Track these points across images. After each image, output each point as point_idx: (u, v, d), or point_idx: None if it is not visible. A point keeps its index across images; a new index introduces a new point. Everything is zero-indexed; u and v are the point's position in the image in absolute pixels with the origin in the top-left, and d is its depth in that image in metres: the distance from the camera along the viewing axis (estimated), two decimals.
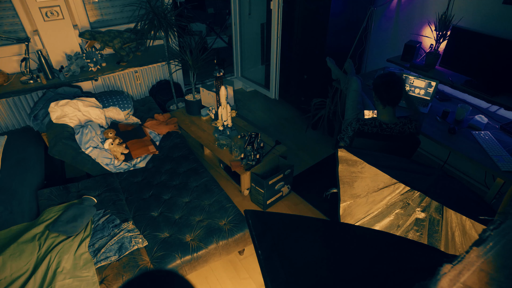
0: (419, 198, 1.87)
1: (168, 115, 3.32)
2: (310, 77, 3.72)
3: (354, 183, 1.89)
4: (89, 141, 2.68)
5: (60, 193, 2.45)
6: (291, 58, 3.85)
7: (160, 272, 1.85)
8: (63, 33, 3.17)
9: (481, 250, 0.58)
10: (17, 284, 1.82)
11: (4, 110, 3.15)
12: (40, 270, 1.86)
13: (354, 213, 1.99)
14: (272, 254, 1.12)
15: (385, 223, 1.99)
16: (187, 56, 3.19)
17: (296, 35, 3.64)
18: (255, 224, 1.17)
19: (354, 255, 1.15)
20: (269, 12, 3.82)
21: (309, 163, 3.36)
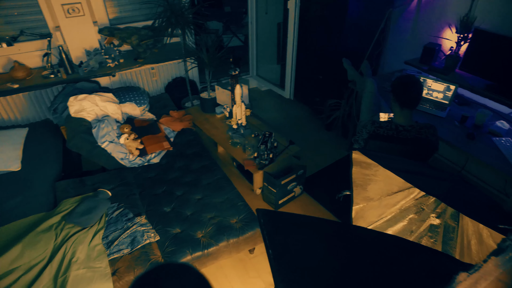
0: (434, 203, 1.83)
1: (183, 112, 3.35)
2: (325, 77, 3.69)
3: (368, 186, 1.87)
4: (105, 135, 2.73)
5: (76, 186, 2.51)
6: (307, 58, 3.83)
7: (174, 265, 1.87)
8: (83, 29, 3.24)
9: (500, 260, 0.57)
10: (34, 272, 1.88)
11: (26, 103, 3.24)
12: (56, 259, 1.91)
13: (367, 216, 1.97)
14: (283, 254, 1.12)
15: (398, 228, 1.96)
16: (203, 54, 3.21)
17: (313, 35, 3.61)
18: (267, 223, 1.17)
19: (366, 258, 1.14)
20: (286, 12, 3.80)
21: (322, 164, 3.34)
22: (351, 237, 1.29)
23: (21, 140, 2.78)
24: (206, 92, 3.44)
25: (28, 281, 1.84)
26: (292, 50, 3.88)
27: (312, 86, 3.94)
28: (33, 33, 3.07)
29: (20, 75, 3.04)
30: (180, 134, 3.08)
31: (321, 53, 3.61)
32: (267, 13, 4.36)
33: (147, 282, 0.74)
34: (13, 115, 3.23)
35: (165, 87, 3.89)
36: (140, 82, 3.72)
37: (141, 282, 0.75)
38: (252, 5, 4.24)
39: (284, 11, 3.90)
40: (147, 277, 0.77)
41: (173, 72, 3.87)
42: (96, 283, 1.79)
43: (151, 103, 3.48)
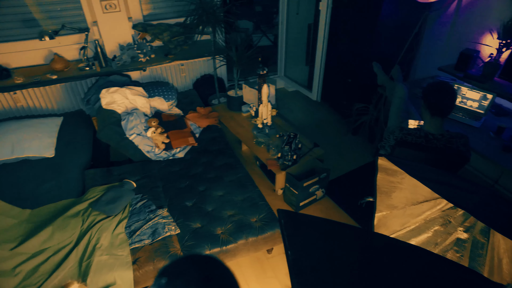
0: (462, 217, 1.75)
1: (210, 108, 3.40)
2: (354, 81, 3.62)
3: (392, 194, 1.82)
4: (133, 128, 2.80)
5: (104, 175, 2.60)
6: (336, 60, 3.77)
7: (199, 256, 1.89)
8: (118, 24, 3.35)
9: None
10: (62, 254, 1.97)
11: (62, 93, 3.39)
12: (82, 244, 1.99)
13: (390, 225, 1.92)
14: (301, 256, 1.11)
15: (422, 239, 1.90)
16: (233, 52, 3.23)
17: (343, 37, 3.56)
18: (288, 224, 1.16)
19: (387, 267, 1.11)
20: (317, 13, 3.77)
21: (346, 168, 3.28)
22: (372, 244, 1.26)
23: (56, 128, 2.92)
24: (233, 90, 3.46)
25: (56, 262, 1.93)
26: (322, 51, 3.83)
27: (340, 89, 3.88)
28: (73, 27, 3.21)
29: (59, 67, 3.19)
30: (206, 131, 3.12)
31: (351, 55, 3.55)
32: (298, 13, 4.33)
33: (172, 270, 0.77)
34: (50, 104, 3.40)
35: (193, 83, 3.95)
36: (169, 77, 3.80)
37: (168, 270, 0.78)
38: (284, 5, 4.22)
39: (316, 12, 3.86)
40: (173, 266, 0.79)
41: (201, 69, 3.92)
42: (118, 270, 1.85)
43: (179, 99, 3.54)
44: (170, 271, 0.75)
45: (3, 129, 2.75)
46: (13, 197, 2.28)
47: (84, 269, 1.86)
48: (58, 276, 1.84)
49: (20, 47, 3.21)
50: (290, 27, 4.41)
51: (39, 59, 3.35)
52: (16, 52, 3.22)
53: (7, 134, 2.70)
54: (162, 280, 0.69)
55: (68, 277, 1.84)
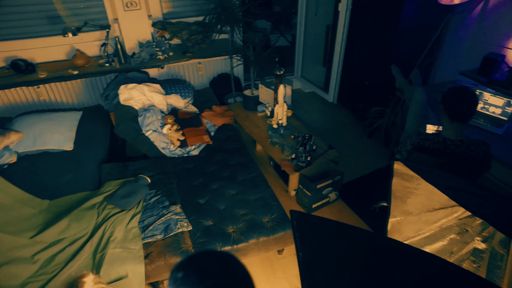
0: (480, 226, 1.70)
1: (225, 107, 3.41)
2: (371, 83, 3.57)
3: (407, 199, 1.78)
4: (149, 124, 2.84)
5: (119, 169, 2.64)
6: (354, 63, 3.73)
7: (215, 252, 1.90)
8: (138, 22, 3.41)
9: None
10: (77, 244, 2.02)
11: (82, 88, 3.48)
12: (96, 236, 2.03)
13: (403, 231, 1.88)
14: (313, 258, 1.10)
15: (437, 247, 1.85)
16: (250, 52, 3.24)
17: (362, 39, 3.51)
18: (300, 225, 1.16)
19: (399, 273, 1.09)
20: (336, 14, 3.73)
21: (361, 172, 3.23)
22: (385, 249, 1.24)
23: (75, 123, 2.99)
24: (250, 90, 3.47)
25: (72, 252, 1.98)
26: (340, 53, 3.80)
27: (357, 91, 3.83)
28: (95, 24, 3.29)
29: (80, 63, 3.27)
30: (221, 129, 3.14)
31: (369, 58, 3.50)
32: (317, 14, 4.30)
33: (188, 265, 0.78)
34: (70, 99, 3.48)
35: (210, 82, 3.97)
36: (186, 75, 3.84)
37: (184, 264, 0.78)
38: (302, 6, 4.20)
39: (334, 14, 3.82)
40: (189, 261, 0.80)
41: (218, 68, 3.94)
42: (130, 263, 1.88)
43: (195, 97, 3.57)
44: (186, 266, 0.75)
45: (27, 121, 2.83)
46: (34, 188, 2.34)
47: (97, 260, 1.90)
48: (73, 266, 1.89)
49: (44, 43, 3.31)
50: (308, 28, 4.38)
51: (62, 55, 3.44)
52: (41, 47, 3.32)
53: (30, 126, 2.78)
54: (179, 274, 0.70)
55: (83, 268, 1.89)
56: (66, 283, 1.01)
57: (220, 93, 3.88)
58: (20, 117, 2.92)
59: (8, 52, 3.23)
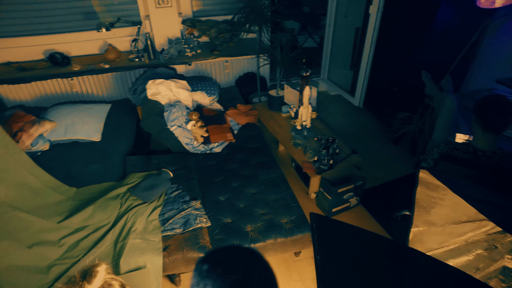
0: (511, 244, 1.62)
1: (250, 106, 3.42)
2: (400, 89, 3.48)
3: (432, 210, 1.73)
4: (175, 119, 2.90)
5: (143, 162, 2.71)
6: (383, 66, 3.65)
7: (240, 248, 1.91)
8: (169, 19, 3.48)
9: None
10: (100, 232, 2.09)
11: (112, 82, 3.59)
12: (119, 225, 2.09)
13: (426, 241, 1.82)
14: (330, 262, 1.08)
15: (461, 262, 1.78)
16: (277, 52, 3.23)
17: (392, 42, 3.43)
18: (319, 228, 1.14)
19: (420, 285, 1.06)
20: (366, 16, 3.66)
21: (384, 178, 3.16)
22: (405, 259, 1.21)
23: (104, 115, 3.09)
24: (275, 90, 3.46)
25: (95, 239, 2.05)
26: (368, 56, 3.72)
27: (384, 96, 3.74)
28: (127, 20, 3.39)
29: (112, 57, 3.38)
30: (244, 128, 3.15)
31: (399, 62, 3.41)
32: (347, 16, 4.24)
33: (214, 258, 0.79)
34: (101, 91, 3.61)
35: (236, 80, 4.00)
36: (213, 73, 3.88)
37: (209, 258, 0.79)
38: (332, 8, 4.15)
39: (365, 16, 3.75)
40: (215, 254, 0.81)
41: (245, 67, 3.97)
42: (149, 254, 1.92)
43: (220, 94, 3.61)
44: (212, 259, 0.77)
45: (60, 112, 2.96)
46: (62, 175, 2.44)
47: (118, 249, 1.95)
48: (95, 252, 1.95)
49: (80, 37, 3.46)
50: (337, 30, 4.32)
51: (95, 49, 3.57)
52: (76, 42, 3.47)
53: (63, 116, 2.90)
54: (204, 266, 0.71)
55: (104, 255, 1.95)
56: (81, 270, 1.05)
57: (245, 92, 3.90)
58: (54, 107, 3.06)
59: (47, 46, 3.40)
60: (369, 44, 3.65)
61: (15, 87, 3.33)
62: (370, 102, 4.04)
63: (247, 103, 3.63)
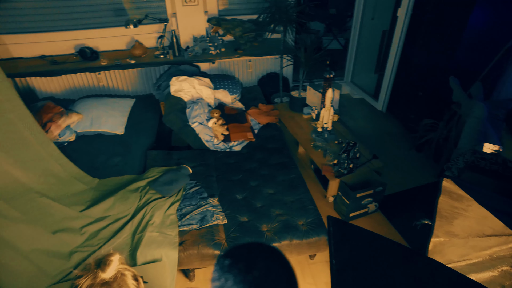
0: None
1: (271, 106, 3.42)
2: (425, 94, 3.39)
3: (454, 220, 1.67)
4: (196, 116, 2.93)
5: (164, 157, 2.76)
6: (408, 71, 3.56)
7: (264, 246, 1.91)
8: (195, 17, 3.53)
9: None
10: (119, 223, 2.15)
11: (137, 77, 3.68)
12: (137, 218, 2.14)
13: (446, 253, 1.76)
14: (346, 267, 1.07)
15: (484, 277, 1.71)
16: (301, 53, 3.22)
17: (420, 46, 3.34)
18: (336, 232, 1.13)
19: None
20: (394, 19, 3.58)
21: (405, 186, 3.08)
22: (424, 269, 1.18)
23: (128, 109, 3.17)
24: (297, 91, 3.45)
25: (114, 229, 2.11)
26: (394, 60, 3.64)
27: (409, 101, 3.65)
28: (154, 17, 3.46)
29: (138, 53, 3.46)
30: (265, 128, 3.15)
31: (426, 67, 3.32)
32: (373, 18, 4.16)
33: (235, 253, 0.80)
34: (126, 86, 3.70)
35: (258, 80, 4.01)
36: (236, 72, 3.90)
37: (232, 252, 0.81)
38: (359, 9, 4.09)
39: (392, 19, 3.67)
40: (236, 250, 0.81)
41: (268, 67, 3.96)
42: (165, 248, 1.95)
43: (242, 93, 3.62)
44: (233, 254, 0.77)
45: (86, 104, 3.06)
46: (86, 166, 2.52)
47: (136, 241, 2.00)
48: (114, 243, 2.01)
49: (108, 33, 3.56)
50: (363, 32, 4.25)
51: (122, 45, 3.67)
52: (105, 37, 3.57)
53: (89, 109, 3.00)
54: (226, 261, 0.72)
55: (122, 246, 2.00)
56: (96, 258, 1.08)
57: (267, 91, 3.90)
58: (81, 100, 3.16)
59: (78, 41, 3.52)
60: (396, 47, 3.57)
61: (47, 80, 3.47)
62: (394, 107, 3.95)
63: (268, 103, 3.63)
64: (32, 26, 3.41)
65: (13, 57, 3.48)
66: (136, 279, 1.11)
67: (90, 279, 1.02)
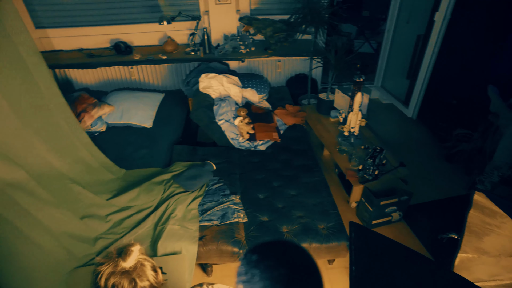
0: None
1: (298, 107, 3.40)
2: (460, 103, 3.25)
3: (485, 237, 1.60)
4: (223, 114, 2.96)
5: (189, 152, 2.80)
6: (443, 78, 3.43)
7: (292, 245, 1.91)
8: (227, 16, 3.57)
9: None
10: (143, 214, 2.21)
11: (168, 73, 3.76)
12: (160, 210, 2.19)
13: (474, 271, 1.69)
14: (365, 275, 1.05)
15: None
16: (331, 55, 3.17)
17: (457, 52, 3.21)
18: (358, 239, 1.11)
19: None
20: (430, 23, 3.46)
21: (432, 196, 2.98)
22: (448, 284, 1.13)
23: (157, 103, 3.25)
24: (325, 94, 3.40)
25: (137, 219, 2.17)
26: (428, 66, 3.52)
27: (442, 109, 3.52)
28: (187, 14, 3.52)
29: (169, 49, 3.54)
30: (291, 129, 3.14)
31: (463, 74, 3.19)
32: (409, 22, 4.04)
33: (262, 250, 0.81)
34: (156, 81, 3.80)
35: (287, 80, 3.99)
36: (264, 71, 3.91)
37: (260, 248, 0.81)
38: (394, 13, 3.98)
39: (429, 23, 3.55)
40: (263, 247, 0.81)
41: (297, 68, 3.94)
42: (185, 241, 1.98)
43: (270, 93, 3.62)
44: (261, 250, 0.78)
45: (118, 97, 3.16)
46: (114, 156, 2.61)
47: (157, 232, 2.04)
48: (136, 232, 2.06)
49: (142, 29, 3.67)
50: (397, 36, 4.14)
51: (155, 40, 3.77)
52: (139, 32, 3.69)
53: (121, 101, 3.10)
54: (253, 256, 0.73)
55: (144, 236, 2.05)
56: (117, 247, 1.12)
57: (295, 92, 3.88)
58: (113, 92, 3.27)
59: (113, 35, 3.65)
60: (430, 53, 3.45)
61: (83, 71, 3.63)
62: (425, 114, 3.82)
63: (295, 104, 3.61)
64: (73, 21, 3.58)
65: (55, 49, 3.67)
66: (155, 270, 1.14)
67: (111, 267, 1.05)
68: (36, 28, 3.53)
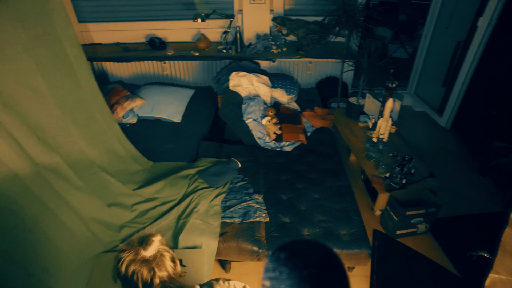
0: None
1: (327, 110, 3.36)
2: (500, 114, 3.09)
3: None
4: (251, 113, 2.98)
5: (215, 149, 2.84)
6: (483, 87, 3.27)
7: (318, 244, 1.91)
8: (260, 15, 3.58)
9: None
10: (166, 206, 2.26)
11: (199, 69, 3.83)
12: (183, 204, 2.23)
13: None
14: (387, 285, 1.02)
15: None
16: (364, 59, 3.11)
17: (501, 60, 3.04)
18: (381, 248, 1.08)
19: None
20: (472, 29, 3.31)
21: (463, 211, 2.85)
22: None
23: (187, 99, 3.31)
24: (356, 98, 3.34)
25: (161, 211, 2.23)
26: (467, 74, 3.37)
27: (479, 120, 3.36)
28: (221, 13, 3.57)
29: (202, 46, 3.60)
30: (318, 131, 3.10)
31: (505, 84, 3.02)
32: (448, 28, 3.88)
33: (293, 248, 0.81)
34: (187, 76, 3.87)
35: (317, 82, 3.95)
36: (295, 72, 3.89)
37: (290, 247, 0.82)
38: (433, 17, 3.84)
39: (470, 29, 3.39)
40: (293, 245, 0.82)
41: (328, 70, 3.89)
42: (206, 236, 2.01)
43: (299, 95, 3.60)
44: (290, 249, 0.78)
45: (150, 90, 3.25)
46: (143, 148, 2.69)
47: (180, 225, 2.09)
48: (160, 224, 2.12)
49: (177, 25, 3.75)
50: (434, 42, 3.99)
51: (188, 37, 3.84)
52: (173, 29, 3.78)
53: (152, 95, 3.19)
54: (281, 255, 0.73)
55: (167, 228, 2.10)
56: (139, 236, 1.15)
57: (324, 95, 3.83)
58: (145, 86, 3.37)
59: (149, 31, 3.77)
60: (471, 60, 3.30)
61: (118, 65, 3.76)
62: (459, 124, 3.66)
63: (324, 106, 3.56)
64: (112, 16, 3.73)
65: (94, 42, 3.83)
66: (174, 261, 1.16)
67: (132, 254, 1.09)
68: (79, 22, 3.71)
